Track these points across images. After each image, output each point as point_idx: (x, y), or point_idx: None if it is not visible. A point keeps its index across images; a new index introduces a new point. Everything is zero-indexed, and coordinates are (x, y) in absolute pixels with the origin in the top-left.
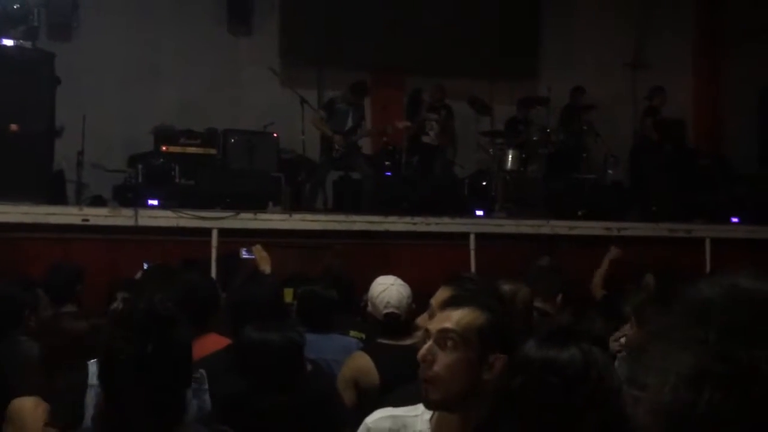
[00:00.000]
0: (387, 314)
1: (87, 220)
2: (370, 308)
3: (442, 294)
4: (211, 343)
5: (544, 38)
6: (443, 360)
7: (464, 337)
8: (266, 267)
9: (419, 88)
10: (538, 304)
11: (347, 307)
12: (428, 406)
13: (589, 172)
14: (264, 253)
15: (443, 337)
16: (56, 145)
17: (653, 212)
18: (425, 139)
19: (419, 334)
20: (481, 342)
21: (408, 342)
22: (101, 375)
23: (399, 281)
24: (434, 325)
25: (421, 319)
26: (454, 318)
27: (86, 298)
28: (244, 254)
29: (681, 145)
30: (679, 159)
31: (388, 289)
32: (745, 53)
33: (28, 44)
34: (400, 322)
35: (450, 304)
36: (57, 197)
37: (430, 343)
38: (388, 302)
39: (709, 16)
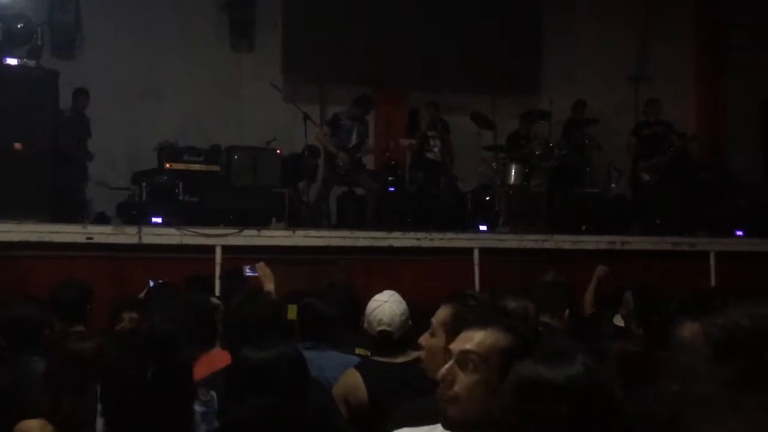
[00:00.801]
0: (380, 332)
1: (91, 238)
2: (365, 325)
3: (443, 312)
4: (217, 359)
5: (546, 52)
6: (463, 381)
7: (486, 359)
8: (270, 285)
9: (415, 109)
10: (545, 319)
11: (353, 324)
12: (447, 426)
13: (592, 186)
14: (267, 271)
15: (464, 358)
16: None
17: (657, 225)
18: (429, 155)
19: (422, 353)
20: (502, 364)
21: (401, 360)
22: (103, 398)
23: (394, 298)
24: (456, 346)
25: (423, 338)
26: (476, 339)
27: (91, 316)
28: (248, 272)
29: (670, 157)
30: (682, 171)
31: (381, 307)
32: (746, 65)
33: (31, 63)
34: (393, 340)
35: (471, 324)
36: (61, 215)
37: (451, 363)
38: (380, 320)
39: (709, 29)
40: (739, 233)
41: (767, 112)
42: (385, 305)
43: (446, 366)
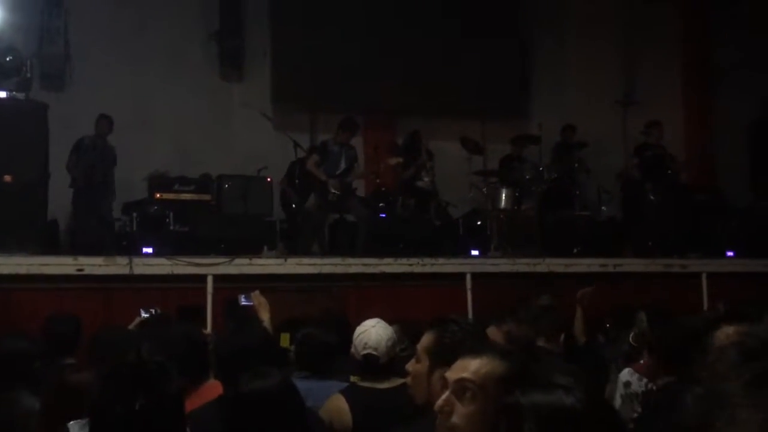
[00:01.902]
0: (365, 356)
1: (81, 270)
2: (352, 350)
3: (426, 339)
4: (211, 390)
5: (534, 77)
6: (461, 411)
7: (483, 388)
8: (265, 314)
9: (417, 130)
10: (540, 343)
11: (346, 351)
12: None
13: (583, 209)
14: (263, 300)
15: (461, 387)
16: (49, 195)
17: (649, 247)
18: (420, 183)
19: (408, 379)
20: (499, 392)
21: (386, 385)
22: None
23: (381, 324)
24: (452, 374)
25: (410, 365)
26: (472, 367)
27: (81, 348)
28: (243, 301)
29: (669, 179)
30: (672, 193)
31: (367, 331)
32: (732, 87)
33: (21, 96)
34: (378, 365)
35: (466, 352)
36: (51, 247)
37: (447, 393)
38: (366, 343)
39: (695, 53)
40: (731, 254)
41: (755, 133)
42: (372, 330)
43: (443, 397)
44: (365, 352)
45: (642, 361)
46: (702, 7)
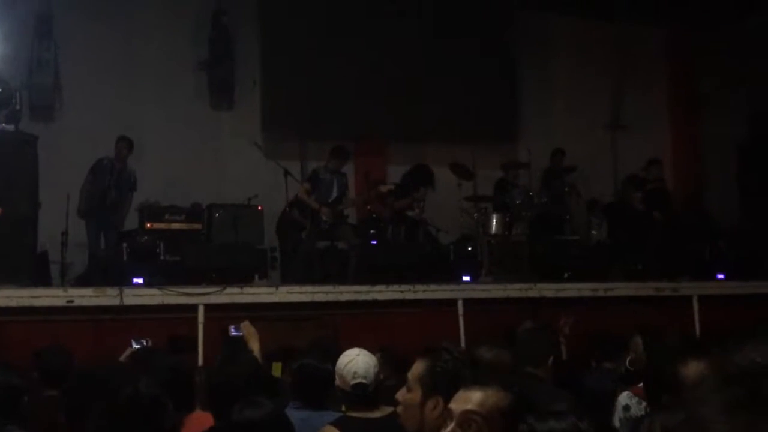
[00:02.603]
0: (355, 385)
1: (72, 301)
2: (337, 381)
3: (418, 368)
4: (197, 422)
5: (523, 103)
6: None
7: (488, 420)
8: (254, 344)
9: (428, 167)
10: (529, 369)
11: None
12: None
13: (573, 234)
14: (252, 330)
15: (467, 419)
16: (40, 227)
17: (639, 271)
18: (410, 213)
19: (399, 408)
20: (505, 424)
21: (378, 415)
22: None
23: (365, 352)
24: (457, 406)
25: (400, 394)
26: (477, 399)
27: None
28: (233, 331)
29: (668, 213)
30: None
31: (354, 360)
32: (719, 110)
33: (10, 128)
34: (368, 393)
35: (469, 384)
36: (41, 279)
37: (452, 425)
38: (355, 372)
39: (681, 76)
40: (721, 276)
41: (742, 155)
42: (358, 358)
43: (448, 429)
44: (355, 381)
45: (641, 385)
46: (686, 31)
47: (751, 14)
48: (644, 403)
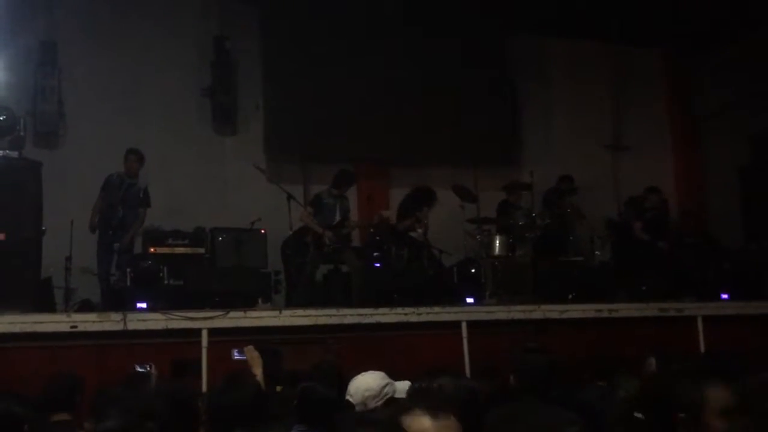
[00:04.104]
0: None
1: (75, 327)
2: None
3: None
4: None
5: (524, 125)
6: None
7: None
8: (257, 368)
9: (430, 189)
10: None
11: (341, 404)
12: None
13: (576, 255)
14: (255, 354)
15: None
16: (44, 252)
17: (643, 292)
18: (413, 234)
19: None
20: None
21: None
22: None
23: (376, 374)
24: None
25: None
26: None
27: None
28: (236, 355)
29: (671, 238)
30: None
31: (357, 378)
32: (720, 131)
33: (14, 154)
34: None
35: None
36: (45, 304)
37: None
38: (348, 390)
39: (681, 97)
40: (725, 297)
41: (744, 177)
42: (360, 377)
43: None
44: (346, 397)
45: None
46: (685, 52)
47: (749, 34)
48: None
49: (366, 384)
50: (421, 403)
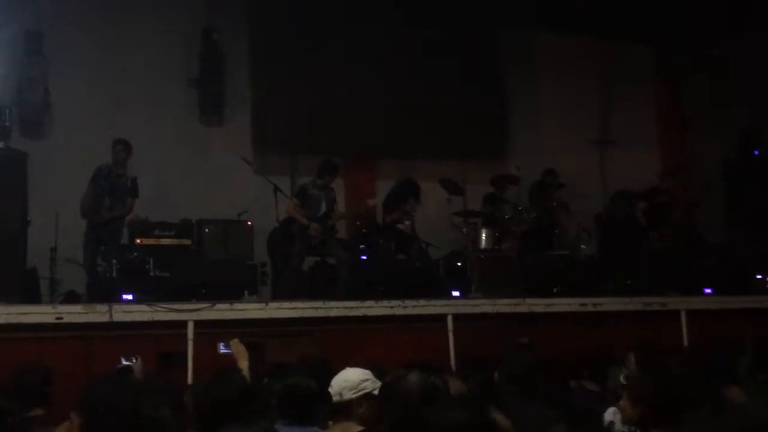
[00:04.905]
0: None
1: (61, 318)
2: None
3: None
4: None
5: (512, 119)
6: None
7: None
8: (243, 362)
9: (414, 181)
10: (515, 387)
11: (326, 396)
12: None
13: (562, 248)
14: (241, 347)
15: None
16: (29, 243)
17: (628, 286)
18: (400, 226)
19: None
20: None
21: None
22: None
23: (359, 369)
24: None
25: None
26: None
27: (61, 398)
28: (222, 349)
29: (668, 229)
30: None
31: (342, 371)
32: (706, 127)
33: (0, 144)
34: (332, 404)
35: None
36: (30, 295)
37: None
38: (331, 383)
39: (669, 93)
40: (708, 291)
41: (729, 172)
42: (344, 371)
43: None
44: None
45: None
46: (673, 49)
47: (737, 33)
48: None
49: (346, 376)
50: None
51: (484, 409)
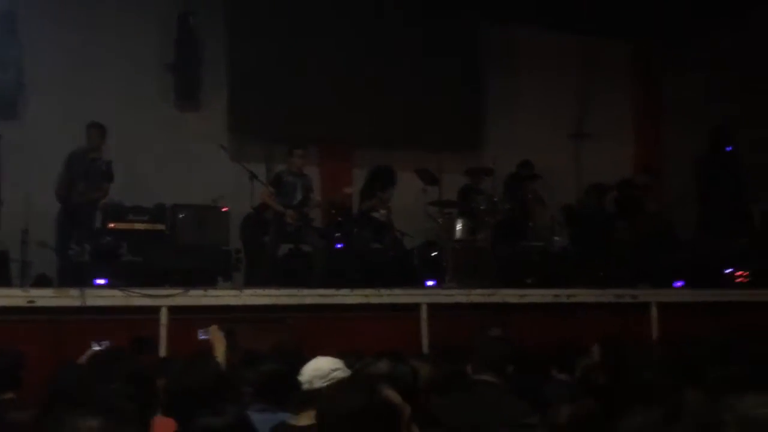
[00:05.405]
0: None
1: (33, 302)
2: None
3: None
4: (159, 427)
5: (488, 110)
6: None
7: None
8: (220, 349)
9: (391, 168)
10: (488, 377)
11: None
12: None
13: (536, 240)
14: (219, 334)
15: None
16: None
17: (600, 278)
18: (375, 215)
19: None
20: None
21: (304, 423)
22: None
23: (330, 358)
24: None
25: None
26: None
27: (32, 383)
28: (201, 335)
29: (636, 223)
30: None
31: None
32: (681, 122)
33: None
34: (302, 392)
35: None
36: (1, 278)
37: None
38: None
39: (645, 87)
40: (679, 284)
41: (702, 167)
42: (315, 359)
43: None
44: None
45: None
46: (651, 44)
47: (715, 29)
48: None
49: (317, 365)
50: None
51: (376, 389)
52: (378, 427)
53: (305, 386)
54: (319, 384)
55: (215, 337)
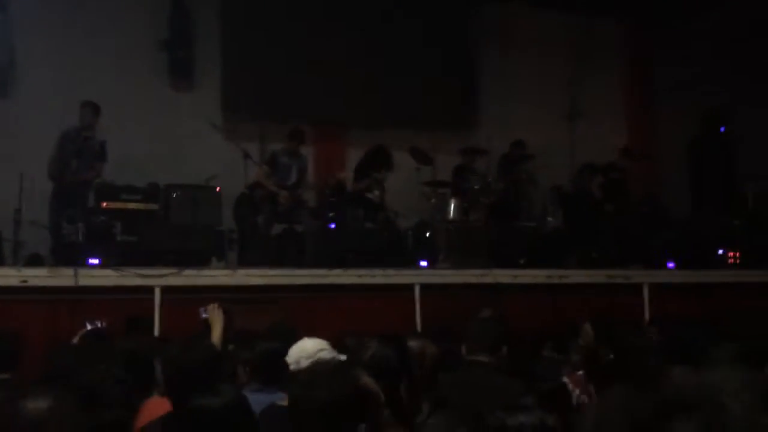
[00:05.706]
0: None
1: (26, 282)
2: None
3: None
4: (154, 407)
5: (482, 90)
6: None
7: None
8: (217, 328)
9: (385, 148)
10: (482, 357)
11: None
12: None
13: (529, 220)
14: (216, 314)
15: None
16: None
17: (593, 258)
18: (369, 195)
19: None
20: None
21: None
22: None
23: (317, 340)
24: None
25: None
26: None
27: (25, 362)
28: (203, 314)
29: (623, 204)
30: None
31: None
32: (675, 105)
33: None
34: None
35: None
36: None
37: None
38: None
39: (639, 69)
40: (671, 265)
41: (695, 148)
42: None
43: None
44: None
45: (580, 373)
46: (645, 25)
47: (708, 12)
48: (577, 391)
49: (304, 345)
50: None
51: (351, 378)
52: (347, 416)
53: (293, 366)
54: (305, 364)
55: (213, 316)
